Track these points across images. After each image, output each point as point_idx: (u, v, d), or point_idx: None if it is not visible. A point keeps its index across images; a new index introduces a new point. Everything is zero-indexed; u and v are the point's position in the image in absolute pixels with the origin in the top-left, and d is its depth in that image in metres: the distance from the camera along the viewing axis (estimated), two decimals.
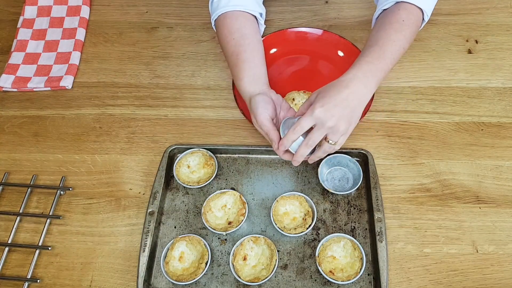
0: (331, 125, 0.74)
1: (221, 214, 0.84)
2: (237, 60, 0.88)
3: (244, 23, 0.91)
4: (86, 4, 1.16)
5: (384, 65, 0.80)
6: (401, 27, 0.84)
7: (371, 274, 0.79)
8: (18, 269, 0.82)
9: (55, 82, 1.03)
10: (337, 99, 0.74)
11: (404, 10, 0.86)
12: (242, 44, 0.89)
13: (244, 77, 0.86)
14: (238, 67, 0.87)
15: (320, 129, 0.75)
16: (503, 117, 0.95)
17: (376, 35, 0.85)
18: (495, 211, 0.85)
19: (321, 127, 0.75)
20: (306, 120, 0.75)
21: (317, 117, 0.74)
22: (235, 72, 0.88)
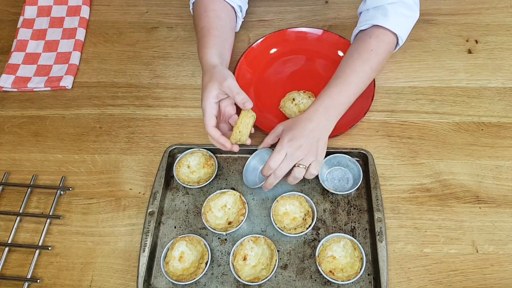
0: (299, 155, 0.79)
1: (221, 214, 0.84)
2: (207, 33, 0.89)
3: (220, 8, 0.94)
4: (86, 4, 1.16)
5: (346, 98, 0.85)
6: (369, 57, 0.88)
7: (371, 274, 0.79)
8: (18, 269, 0.82)
9: (55, 82, 1.03)
10: (303, 132, 0.80)
11: (375, 39, 0.88)
12: (215, 22, 0.91)
13: (212, 46, 0.87)
14: (206, 37, 0.89)
15: (289, 159, 0.79)
16: (503, 117, 0.95)
17: (343, 65, 0.88)
18: (495, 211, 0.85)
19: (291, 158, 0.79)
20: (278, 155, 0.79)
21: (287, 150, 0.79)
22: (202, 42, 0.89)
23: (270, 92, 1.00)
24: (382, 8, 0.88)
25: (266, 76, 1.02)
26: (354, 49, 0.90)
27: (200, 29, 0.91)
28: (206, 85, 0.82)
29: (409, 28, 0.91)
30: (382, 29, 0.88)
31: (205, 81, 0.83)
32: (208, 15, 0.92)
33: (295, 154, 0.79)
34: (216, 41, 0.88)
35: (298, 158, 0.80)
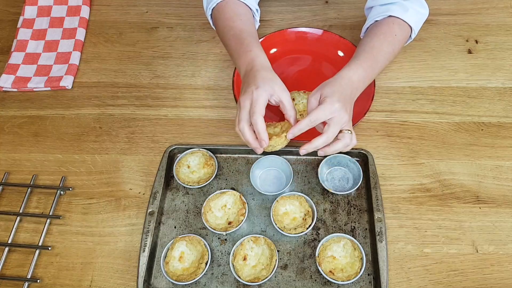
0: (346, 118, 0.78)
1: (221, 214, 0.84)
2: (249, 36, 0.87)
3: (247, 11, 0.93)
4: (86, 4, 1.16)
5: (373, 74, 0.86)
6: (393, 41, 0.89)
7: (371, 274, 0.79)
8: (18, 269, 0.82)
9: (55, 82, 1.03)
10: (346, 96, 0.79)
11: (398, 25, 0.90)
12: (251, 26, 0.90)
13: (261, 49, 0.85)
14: (250, 40, 0.86)
15: (338, 122, 0.77)
16: (503, 117, 0.95)
17: (370, 43, 0.88)
18: (495, 211, 0.85)
19: (339, 120, 0.77)
20: (326, 111, 0.76)
21: (336, 109, 0.76)
22: (246, 43, 0.85)
23: None
24: (398, 3, 0.90)
25: None
26: (379, 30, 0.90)
27: (238, 31, 0.88)
28: (267, 78, 0.78)
29: (421, 25, 0.93)
30: (400, 20, 0.90)
31: (264, 75, 0.79)
32: (242, 18, 0.90)
33: (344, 117, 0.77)
34: (260, 46, 0.86)
35: (344, 122, 0.77)
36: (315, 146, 0.78)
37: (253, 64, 0.82)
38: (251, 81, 0.79)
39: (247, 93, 0.77)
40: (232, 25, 0.90)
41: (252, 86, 0.78)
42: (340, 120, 0.77)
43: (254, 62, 0.82)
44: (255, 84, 0.78)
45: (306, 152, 0.79)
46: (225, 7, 0.92)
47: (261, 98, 0.77)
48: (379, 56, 0.86)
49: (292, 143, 0.91)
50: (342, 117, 0.77)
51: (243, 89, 0.81)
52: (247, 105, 0.77)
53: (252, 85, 0.78)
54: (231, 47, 0.89)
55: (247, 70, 0.82)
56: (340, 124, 0.77)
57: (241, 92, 0.81)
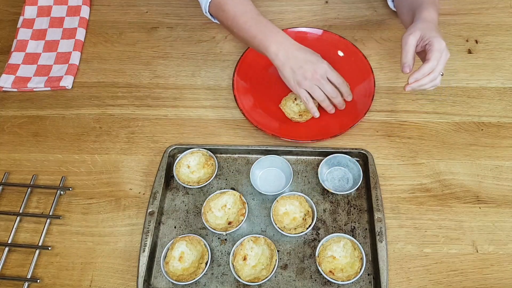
0: (449, 56, 0.82)
1: (221, 214, 0.84)
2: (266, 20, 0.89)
3: None
4: (86, 4, 1.16)
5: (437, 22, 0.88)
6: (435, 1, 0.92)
7: (371, 274, 0.79)
8: (18, 269, 0.82)
9: (55, 82, 1.03)
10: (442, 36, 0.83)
11: None
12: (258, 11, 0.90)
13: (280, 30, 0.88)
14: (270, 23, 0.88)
15: (445, 58, 0.81)
16: (503, 117, 0.95)
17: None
18: (495, 211, 0.85)
19: (446, 56, 0.81)
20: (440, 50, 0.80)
21: (444, 48, 0.81)
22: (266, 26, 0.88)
23: (269, 91, 1.00)
24: None
25: (266, 76, 1.02)
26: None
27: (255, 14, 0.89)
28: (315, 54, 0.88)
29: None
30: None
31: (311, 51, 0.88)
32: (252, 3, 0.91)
33: (448, 55, 0.82)
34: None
35: (446, 59, 0.82)
36: (423, 73, 0.80)
37: (289, 45, 0.87)
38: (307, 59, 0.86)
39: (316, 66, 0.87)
40: (243, 10, 0.89)
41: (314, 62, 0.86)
42: (446, 56, 0.82)
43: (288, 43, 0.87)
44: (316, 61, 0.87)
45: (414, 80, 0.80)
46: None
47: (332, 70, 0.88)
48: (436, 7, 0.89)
49: (293, 143, 0.91)
50: (447, 54, 0.82)
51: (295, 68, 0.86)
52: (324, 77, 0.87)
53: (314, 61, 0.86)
54: (248, 32, 0.88)
55: (286, 51, 0.86)
56: (445, 60, 0.82)
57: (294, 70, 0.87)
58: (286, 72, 0.87)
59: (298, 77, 0.86)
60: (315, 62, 0.86)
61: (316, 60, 0.87)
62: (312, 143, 0.92)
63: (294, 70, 0.86)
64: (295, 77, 0.86)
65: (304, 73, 0.86)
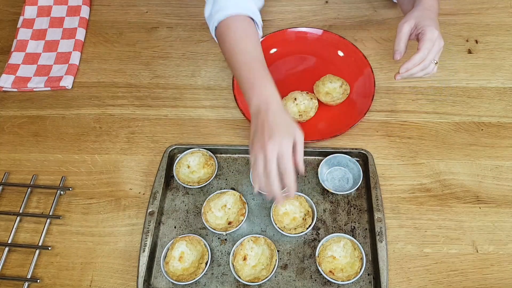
0: (442, 44, 0.83)
1: (221, 214, 0.84)
2: (260, 65, 0.82)
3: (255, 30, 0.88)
4: (86, 4, 1.16)
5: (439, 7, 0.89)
6: None
7: (371, 274, 0.79)
8: (18, 269, 0.82)
9: (55, 82, 1.03)
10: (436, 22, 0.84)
11: None
12: (261, 50, 0.84)
13: (269, 82, 0.80)
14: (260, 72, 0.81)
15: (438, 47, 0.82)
16: (503, 117, 0.95)
17: None
18: (495, 211, 0.85)
19: (438, 45, 0.82)
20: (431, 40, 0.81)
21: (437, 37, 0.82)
22: (257, 78, 0.80)
23: None
24: None
25: None
26: None
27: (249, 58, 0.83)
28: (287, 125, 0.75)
29: None
30: None
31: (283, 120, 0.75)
32: (252, 41, 0.84)
33: (441, 43, 0.83)
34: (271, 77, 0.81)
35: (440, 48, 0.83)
36: (414, 63, 0.81)
37: (268, 103, 0.77)
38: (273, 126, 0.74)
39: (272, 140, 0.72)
40: (241, 48, 0.83)
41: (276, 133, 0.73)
42: (438, 45, 0.82)
43: (269, 100, 0.77)
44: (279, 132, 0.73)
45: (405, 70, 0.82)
46: (233, 24, 0.85)
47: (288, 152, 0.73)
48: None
49: None
50: (440, 43, 0.82)
51: (258, 129, 0.75)
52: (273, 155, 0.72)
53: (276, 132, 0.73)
54: (241, 74, 0.82)
55: (261, 109, 0.77)
56: (438, 49, 0.82)
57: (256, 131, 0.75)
58: (251, 128, 0.77)
59: (255, 140, 0.75)
60: (278, 135, 0.73)
61: (283, 135, 0.73)
62: (312, 143, 0.92)
63: (256, 130, 0.75)
64: (253, 137, 0.76)
65: (261, 139, 0.73)
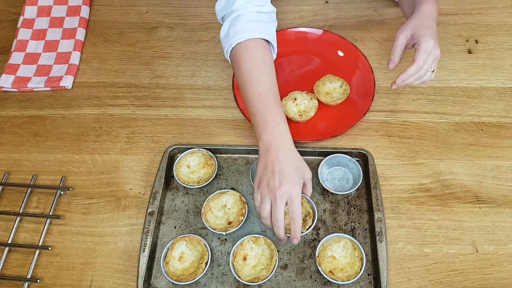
0: (438, 54, 0.84)
1: (221, 214, 0.84)
2: (275, 101, 0.80)
3: (271, 57, 0.86)
4: (86, 4, 1.16)
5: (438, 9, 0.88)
6: None
7: (371, 274, 0.79)
8: (18, 269, 0.82)
9: (55, 82, 1.03)
10: (434, 30, 0.84)
11: None
12: (276, 82, 0.83)
13: (283, 119, 0.79)
14: (276, 108, 0.79)
15: (433, 57, 0.83)
16: (503, 117, 0.95)
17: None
18: (495, 211, 0.85)
19: (434, 55, 0.83)
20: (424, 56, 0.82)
21: (432, 47, 0.82)
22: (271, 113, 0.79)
23: None
24: None
25: None
26: None
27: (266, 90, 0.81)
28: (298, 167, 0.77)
29: None
30: None
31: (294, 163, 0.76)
32: (269, 72, 0.82)
33: (436, 52, 0.83)
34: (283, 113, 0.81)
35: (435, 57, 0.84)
36: (409, 74, 0.82)
37: (278, 142, 0.77)
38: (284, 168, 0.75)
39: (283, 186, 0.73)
40: (258, 79, 0.81)
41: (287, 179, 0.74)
42: (434, 54, 0.83)
43: (280, 140, 0.77)
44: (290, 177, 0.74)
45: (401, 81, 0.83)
46: (250, 50, 0.82)
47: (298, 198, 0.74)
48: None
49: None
50: (435, 52, 0.83)
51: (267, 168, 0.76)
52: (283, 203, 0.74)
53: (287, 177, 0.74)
54: (254, 106, 0.80)
55: (271, 146, 0.77)
56: (433, 59, 0.83)
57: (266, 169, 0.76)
58: (260, 164, 0.77)
59: (263, 179, 0.76)
60: (289, 180, 0.74)
61: (293, 179, 0.74)
62: (312, 143, 0.92)
63: (266, 169, 0.76)
64: (262, 175, 0.76)
65: (269, 180, 0.74)
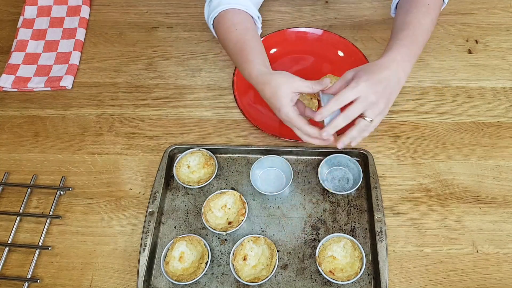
0: (373, 100, 0.73)
1: (221, 214, 0.84)
2: (244, 46, 0.84)
3: (245, 19, 0.90)
4: (86, 4, 1.16)
5: (417, 50, 0.81)
6: (428, 11, 0.84)
7: (371, 274, 0.79)
8: (18, 269, 0.82)
9: (55, 82, 1.03)
10: (380, 77, 0.74)
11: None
12: (246, 34, 0.87)
13: (255, 59, 0.82)
14: (246, 51, 0.84)
15: (362, 102, 0.73)
16: (503, 117, 0.95)
17: (405, 19, 0.84)
18: (495, 211, 0.85)
19: (364, 100, 0.73)
20: (351, 91, 0.72)
21: (362, 89, 0.72)
22: (242, 57, 0.84)
23: None
24: None
25: None
26: (409, 6, 0.85)
27: (233, 43, 0.87)
28: (276, 93, 0.77)
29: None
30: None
31: (270, 91, 0.78)
32: (237, 28, 0.87)
33: (369, 97, 0.72)
34: (255, 52, 0.84)
35: (369, 104, 0.73)
36: (335, 126, 0.74)
37: (253, 80, 0.81)
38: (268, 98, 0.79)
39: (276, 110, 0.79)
40: (229, 37, 0.88)
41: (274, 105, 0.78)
42: (364, 100, 0.73)
43: (252, 77, 0.81)
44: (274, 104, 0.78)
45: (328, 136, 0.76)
46: (223, 17, 0.90)
47: (292, 114, 0.76)
48: (418, 30, 0.81)
49: (293, 143, 0.91)
50: (367, 98, 0.72)
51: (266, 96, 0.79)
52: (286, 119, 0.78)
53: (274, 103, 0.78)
54: (232, 59, 0.89)
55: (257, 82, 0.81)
56: (363, 105, 0.73)
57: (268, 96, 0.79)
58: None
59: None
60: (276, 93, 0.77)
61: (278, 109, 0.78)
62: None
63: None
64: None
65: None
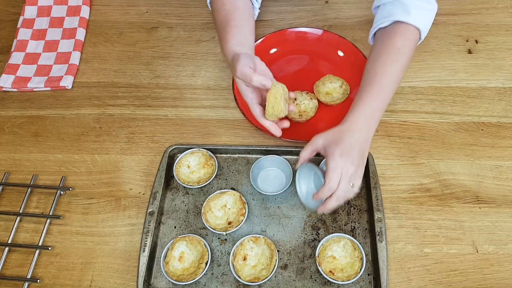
0: (353, 170, 0.75)
1: (221, 214, 0.84)
2: (226, 25, 0.88)
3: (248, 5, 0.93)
4: (86, 4, 1.16)
5: (382, 103, 0.82)
6: (398, 57, 0.84)
7: (371, 274, 0.79)
8: (18, 269, 0.82)
9: (55, 82, 1.03)
10: (351, 142, 0.76)
11: (401, 36, 0.85)
12: (232, 13, 0.89)
13: (231, 39, 0.86)
14: (225, 30, 0.88)
15: (344, 177, 0.74)
16: (503, 117, 0.95)
17: (372, 68, 0.84)
18: (495, 211, 0.85)
19: (345, 175, 0.74)
20: (334, 172, 0.74)
21: (341, 166, 0.74)
22: (222, 36, 0.88)
23: None
24: (399, 2, 0.85)
25: None
26: (379, 49, 0.85)
27: (219, 23, 0.91)
28: (235, 79, 0.82)
29: (430, 22, 0.88)
30: (404, 25, 0.84)
31: (233, 76, 0.84)
32: (225, 8, 0.90)
33: (349, 170, 0.74)
34: (235, 31, 0.87)
35: (351, 175, 0.75)
36: (323, 196, 0.75)
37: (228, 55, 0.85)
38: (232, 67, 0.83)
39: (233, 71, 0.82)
40: (216, 15, 0.91)
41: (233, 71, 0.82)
42: (345, 175, 0.74)
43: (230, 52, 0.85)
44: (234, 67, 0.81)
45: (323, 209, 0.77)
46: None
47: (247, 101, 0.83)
48: (384, 80, 0.82)
49: (293, 143, 0.91)
50: (347, 171, 0.74)
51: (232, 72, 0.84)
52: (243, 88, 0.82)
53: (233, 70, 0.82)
54: (218, 34, 0.92)
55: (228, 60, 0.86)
56: (346, 179, 0.75)
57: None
58: None
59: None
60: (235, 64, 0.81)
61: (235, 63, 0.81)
62: None
63: None
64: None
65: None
